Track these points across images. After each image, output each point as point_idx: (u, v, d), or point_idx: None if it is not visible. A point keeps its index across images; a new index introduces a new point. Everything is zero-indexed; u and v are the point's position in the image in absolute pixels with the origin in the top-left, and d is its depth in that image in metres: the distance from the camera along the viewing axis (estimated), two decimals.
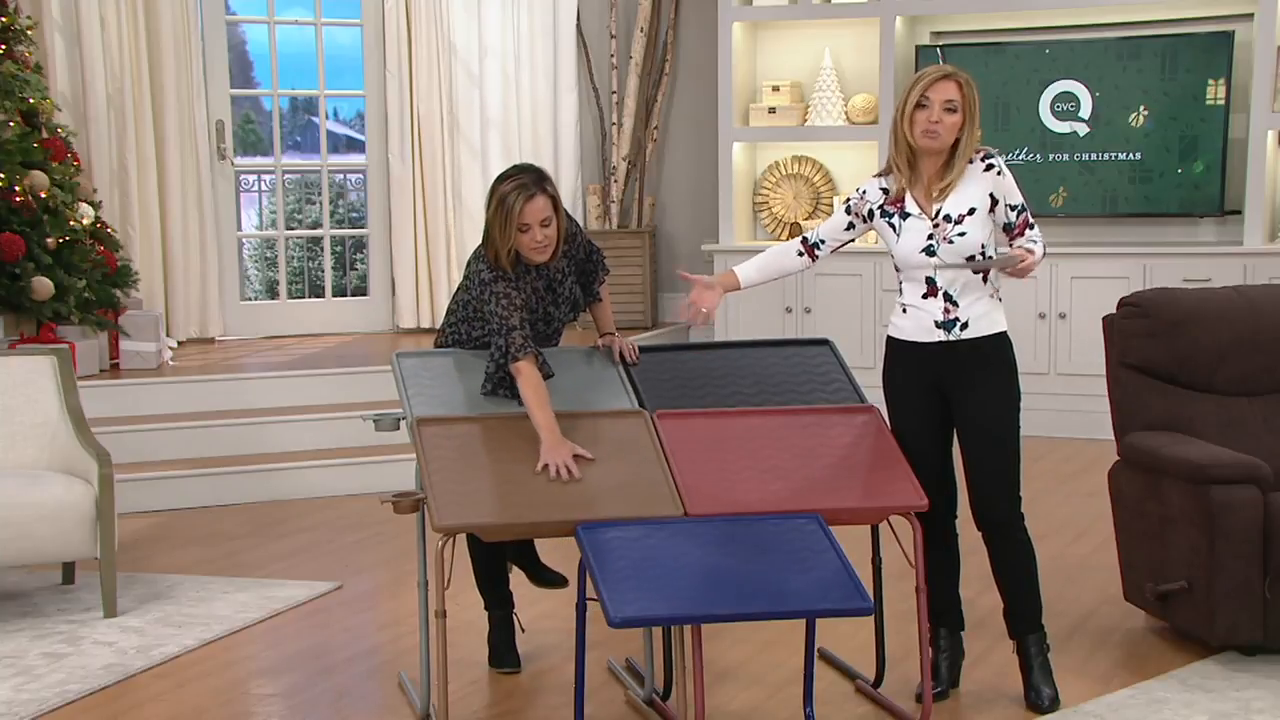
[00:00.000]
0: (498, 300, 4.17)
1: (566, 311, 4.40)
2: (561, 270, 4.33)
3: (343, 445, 6.97)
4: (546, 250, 4.18)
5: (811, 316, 8.34)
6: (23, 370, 5.47)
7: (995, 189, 4.10)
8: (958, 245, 4.09)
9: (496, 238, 4.15)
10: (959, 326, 4.12)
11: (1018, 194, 4.14)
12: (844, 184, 8.65)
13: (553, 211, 4.14)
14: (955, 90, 4.05)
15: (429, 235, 8.76)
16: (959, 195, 4.10)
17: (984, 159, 4.13)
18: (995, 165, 4.12)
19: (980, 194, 4.10)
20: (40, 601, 5.27)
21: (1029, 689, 4.18)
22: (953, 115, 4.05)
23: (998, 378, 4.13)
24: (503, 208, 4.11)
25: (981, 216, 4.09)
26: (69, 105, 7.80)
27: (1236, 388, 4.82)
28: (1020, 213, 4.12)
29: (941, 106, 4.04)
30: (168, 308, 8.22)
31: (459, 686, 4.35)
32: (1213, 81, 7.75)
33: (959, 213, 4.09)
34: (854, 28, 8.52)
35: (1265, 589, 4.35)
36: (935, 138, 4.06)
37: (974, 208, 4.09)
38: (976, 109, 4.10)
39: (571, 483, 3.90)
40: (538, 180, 4.15)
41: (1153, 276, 7.63)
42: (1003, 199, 4.11)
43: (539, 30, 9.08)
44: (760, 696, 4.29)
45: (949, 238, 4.09)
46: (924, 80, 4.07)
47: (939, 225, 4.11)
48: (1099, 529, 5.83)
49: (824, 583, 3.61)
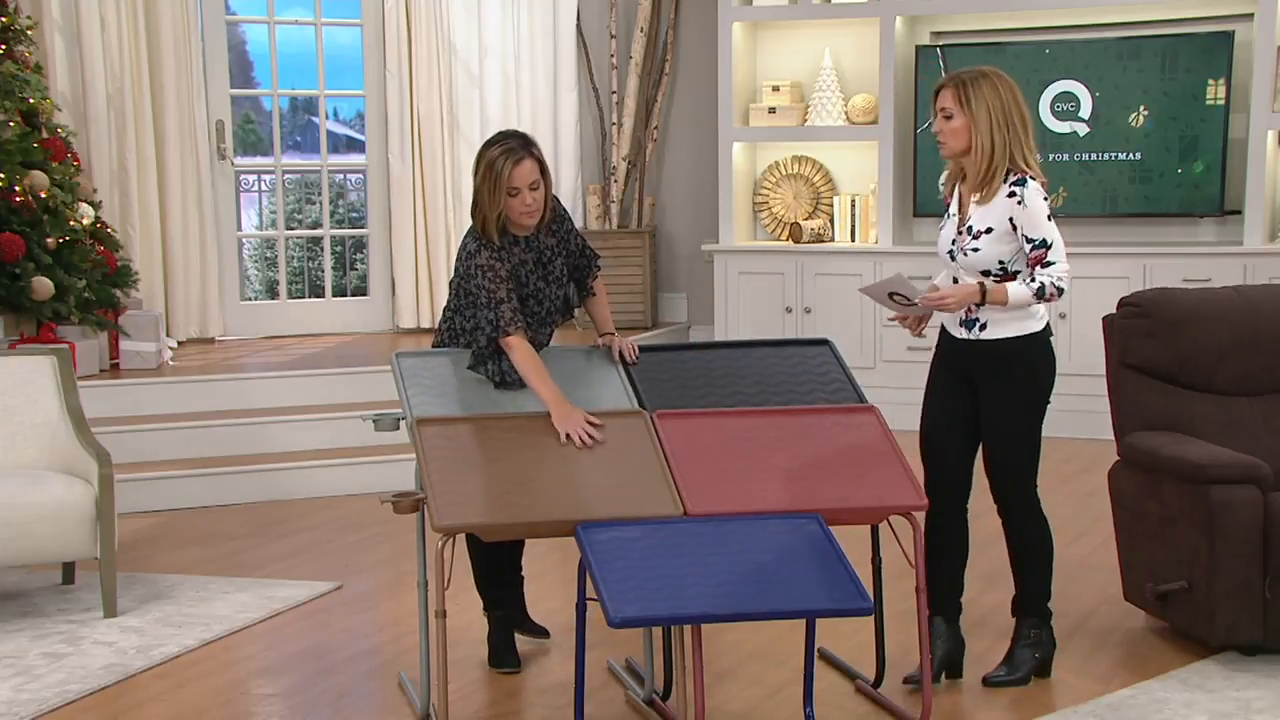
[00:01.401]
0: (483, 274, 4.20)
1: (557, 293, 4.39)
2: (551, 249, 4.36)
3: (343, 445, 6.97)
4: (535, 213, 4.23)
5: (811, 316, 8.34)
6: (23, 370, 5.47)
7: (1015, 215, 4.13)
8: (971, 259, 4.19)
9: (486, 203, 4.20)
10: (979, 327, 4.23)
11: (1040, 228, 4.13)
12: (844, 184, 8.66)
13: (540, 175, 4.20)
14: (949, 98, 4.15)
15: (429, 235, 8.75)
16: (985, 211, 4.16)
17: (1013, 182, 4.13)
18: (1017, 194, 4.12)
19: (1000, 217, 4.15)
20: (40, 601, 5.27)
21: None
22: (950, 121, 4.14)
23: (1013, 379, 4.23)
24: (491, 172, 4.17)
25: (998, 238, 4.15)
26: (69, 105, 7.80)
27: (1236, 388, 4.81)
28: (1036, 247, 4.14)
29: (940, 116, 4.18)
30: (168, 308, 8.21)
31: (459, 686, 4.35)
32: (1213, 81, 7.75)
33: (979, 229, 4.17)
34: (854, 28, 8.52)
35: (1265, 589, 4.35)
36: (944, 146, 4.20)
37: (991, 228, 4.15)
38: (982, 106, 4.11)
39: (571, 483, 3.90)
40: (524, 144, 4.22)
41: (1153, 276, 7.63)
42: (1021, 228, 4.14)
43: (539, 30, 9.08)
44: (760, 696, 4.29)
45: (965, 250, 4.20)
46: (935, 90, 4.23)
47: (961, 234, 4.21)
48: (1099, 529, 5.83)
49: (824, 583, 3.61)
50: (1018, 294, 4.12)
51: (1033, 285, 4.12)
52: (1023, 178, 4.13)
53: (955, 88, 4.14)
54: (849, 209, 8.49)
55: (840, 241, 8.51)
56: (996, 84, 4.13)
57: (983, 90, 4.11)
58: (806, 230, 8.48)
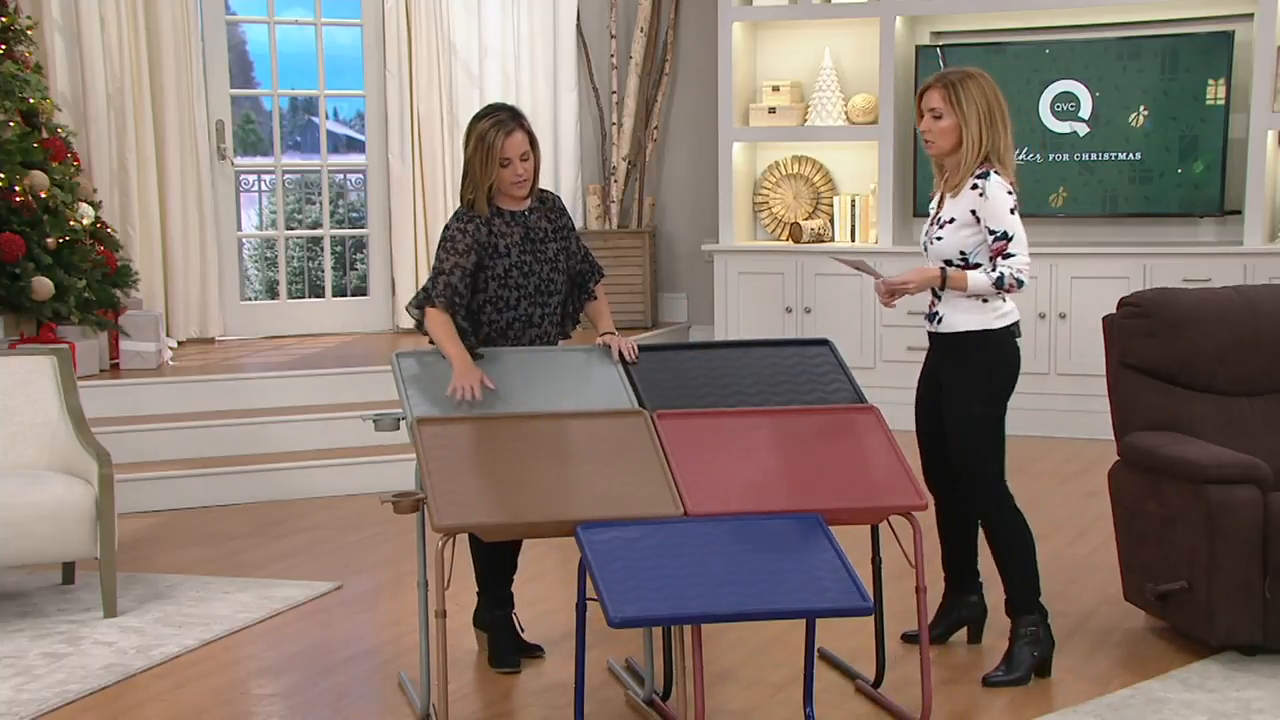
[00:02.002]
0: (443, 245, 4.36)
1: (550, 274, 4.44)
2: (544, 231, 4.45)
3: (343, 445, 6.97)
4: (525, 183, 4.37)
5: (811, 316, 8.34)
6: (23, 370, 5.47)
7: (977, 208, 4.30)
8: (935, 248, 4.39)
9: (477, 174, 4.34)
10: (938, 320, 4.40)
11: (1001, 220, 4.26)
12: (844, 184, 8.66)
13: (530, 146, 4.35)
14: (938, 98, 4.29)
15: (429, 235, 8.75)
16: (953, 203, 4.35)
17: (977, 176, 4.30)
18: (980, 186, 4.28)
19: (963, 209, 4.32)
20: (40, 601, 5.27)
21: None
22: (940, 121, 4.30)
23: (967, 372, 4.37)
24: (483, 144, 4.31)
25: (959, 227, 4.32)
26: (69, 105, 7.80)
27: (1236, 388, 4.82)
28: (997, 239, 4.28)
29: (928, 115, 4.32)
30: (168, 308, 8.21)
31: (459, 686, 4.35)
32: (1213, 81, 7.75)
33: (945, 219, 4.36)
34: (854, 28, 8.52)
35: (1265, 589, 4.35)
36: (931, 145, 4.34)
37: (955, 218, 4.32)
38: (972, 106, 4.26)
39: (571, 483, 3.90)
40: (514, 116, 4.37)
41: (1153, 276, 7.63)
42: (983, 220, 4.30)
43: (539, 30, 9.08)
44: (760, 696, 4.29)
45: (932, 239, 4.40)
46: (919, 92, 4.37)
47: (932, 226, 4.42)
48: (1099, 529, 5.83)
49: (824, 583, 3.61)
50: (977, 281, 4.27)
51: (992, 275, 4.26)
52: (986, 171, 4.27)
53: (945, 88, 4.27)
54: (849, 209, 8.49)
55: (840, 241, 8.51)
56: (983, 84, 4.29)
57: (971, 90, 4.26)
58: (806, 230, 8.48)
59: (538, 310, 4.44)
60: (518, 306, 4.39)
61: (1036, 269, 7.88)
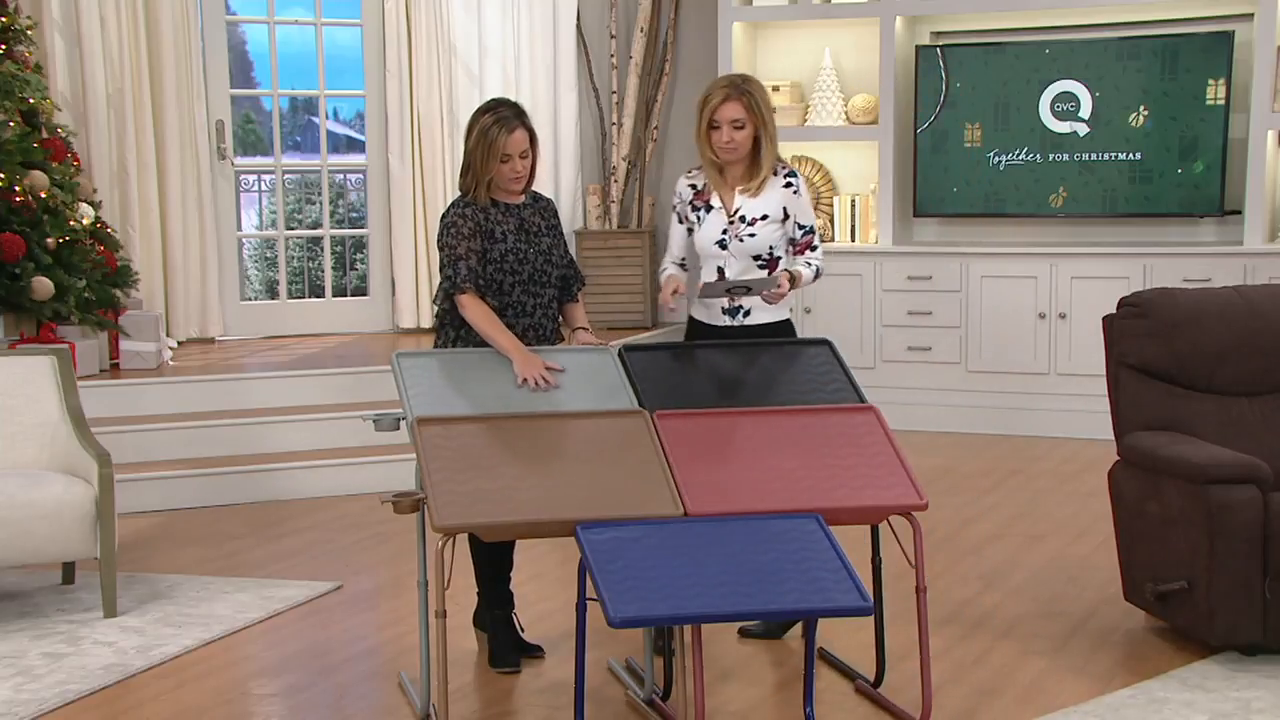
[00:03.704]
0: (447, 231, 4.42)
1: (545, 263, 4.49)
2: (537, 226, 4.52)
3: (343, 445, 6.97)
4: (523, 180, 4.47)
5: (811, 316, 8.34)
6: (23, 370, 5.47)
7: (789, 204, 4.60)
8: (747, 244, 4.59)
9: (477, 167, 4.42)
10: (742, 314, 4.63)
11: (809, 215, 4.65)
12: (844, 184, 8.65)
13: (530, 144, 4.43)
14: (739, 109, 4.53)
15: (429, 235, 8.75)
16: (758, 200, 4.59)
17: (786, 174, 4.61)
18: (793, 184, 4.62)
19: (776, 205, 4.59)
20: (40, 601, 5.27)
21: None
22: (742, 131, 4.54)
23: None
24: (485, 139, 4.40)
25: (773, 224, 4.59)
26: (69, 105, 7.80)
27: (1236, 388, 4.82)
28: (807, 233, 4.64)
29: (730, 126, 4.53)
30: (168, 308, 8.22)
31: (459, 686, 4.35)
32: (1213, 81, 7.75)
33: (754, 216, 4.58)
34: (854, 28, 8.52)
35: (1265, 589, 4.35)
36: (734, 152, 4.56)
37: (768, 215, 4.58)
38: (768, 112, 4.56)
39: (571, 483, 3.90)
40: (517, 114, 4.45)
41: (1153, 276, 7.63)
42: (794, 215, 4.61)
43: (539, 30, 9.09)
44: (760, 696, 4.29)
45: (740, 236, 4.59)
46: (711, 104, 4.59)
47: (734, 223, 4.60)
48: (1099, 529, 5.83)
49: (824, 583, 3.61)
50: (807, 277, 4.61)
51: (810, 269, 4.62)
52: (792, 170, 4.64)
53: (743, 97, 4.52)
54: (849, 209, 8.49)
55: (840, 241, 8.51)
56: (763, 89, 4.61)
57: (762, 95, 4.57)
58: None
59: (530, 299, 4.47)
60: (511, 292, 4.44)
61: (1037, 269, 7.96)
